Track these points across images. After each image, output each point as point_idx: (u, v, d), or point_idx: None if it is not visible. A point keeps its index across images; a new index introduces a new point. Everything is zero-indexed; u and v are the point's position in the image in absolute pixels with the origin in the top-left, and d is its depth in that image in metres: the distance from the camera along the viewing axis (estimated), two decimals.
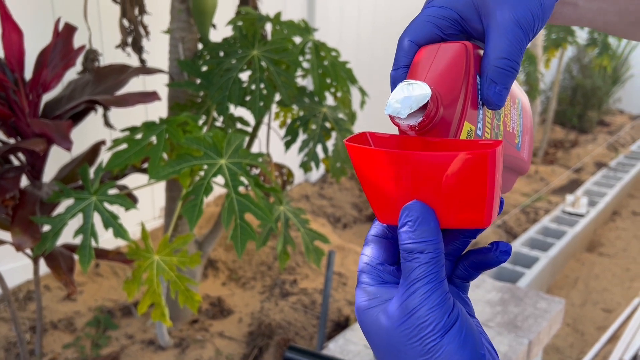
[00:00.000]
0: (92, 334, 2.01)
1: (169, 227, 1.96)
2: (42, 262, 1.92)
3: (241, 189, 1.35)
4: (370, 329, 0.39)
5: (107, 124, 1.89)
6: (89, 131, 2.25)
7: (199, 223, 2.71)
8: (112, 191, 1.61)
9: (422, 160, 0.38)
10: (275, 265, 2.51)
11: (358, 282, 0.41)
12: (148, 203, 2.63)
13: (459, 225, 0.39)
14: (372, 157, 0.39)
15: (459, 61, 0.41)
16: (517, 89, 0.51)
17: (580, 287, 2.88)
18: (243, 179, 1.36)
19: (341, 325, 2.15)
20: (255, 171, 1.80)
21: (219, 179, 1.35)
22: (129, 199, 1.38)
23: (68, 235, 2.03)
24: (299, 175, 3.54)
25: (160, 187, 2.45)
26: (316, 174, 3.67)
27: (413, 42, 0.43)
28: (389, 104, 0.39)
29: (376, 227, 0.43)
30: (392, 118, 0.40)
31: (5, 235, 1.72)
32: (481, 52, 0.42)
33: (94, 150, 1.87)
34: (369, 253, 0.42)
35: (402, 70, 0.43)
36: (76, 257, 1.69)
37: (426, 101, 0.39)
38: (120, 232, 1.35)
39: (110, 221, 1.35)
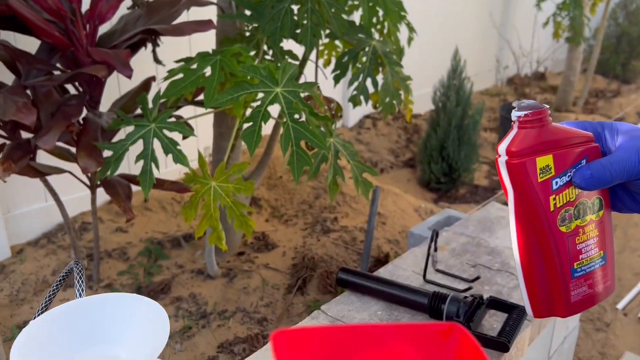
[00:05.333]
0: (144, 263, 2.10)
1: (218, 163, 2.01)
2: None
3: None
4: None
5: (156, 59, 1.91)
6: (135, 70, 2.28)
7: None
8: (170, 120, 1.65)
9: None
10: (317, 204, 2.56)
11: None
12: (192, 145, 2.68)
13: None
14: None
15: (584, 140, 0.61)
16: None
17: (619, 234, 2.87)
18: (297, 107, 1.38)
19: (381, 261, 2.20)
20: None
21: (275, 108, 1.37)
22: (187, 126, 1.42)
23: (124, 166, 2.09)
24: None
25: (203, 128, 2.49)
26: (353, 118, 3.67)
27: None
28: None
29: None
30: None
31: (63, 165, 1.79)
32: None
33: (145, 85, 1.91)
34: None
35: None
36: (133, 186, 1.76)
37: (542, 109, 0.60)
38: (179, 158, 1.39)
39: (170, 147, 1.39)
